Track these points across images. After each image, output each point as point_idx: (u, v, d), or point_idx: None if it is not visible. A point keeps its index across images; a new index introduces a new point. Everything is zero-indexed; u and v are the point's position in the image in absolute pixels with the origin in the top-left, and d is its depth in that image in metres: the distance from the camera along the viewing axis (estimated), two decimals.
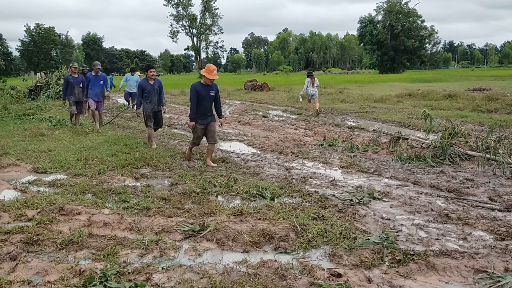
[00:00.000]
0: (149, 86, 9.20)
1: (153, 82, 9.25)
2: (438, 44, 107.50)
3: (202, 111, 7.54)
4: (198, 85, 7.52)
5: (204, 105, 7.52)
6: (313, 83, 15.83)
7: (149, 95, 9.19)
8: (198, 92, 7.45)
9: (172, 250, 4.03)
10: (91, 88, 11.70)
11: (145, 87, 9.17)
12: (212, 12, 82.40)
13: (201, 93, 7.46)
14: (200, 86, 7.52)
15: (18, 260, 3.75)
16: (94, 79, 11.81)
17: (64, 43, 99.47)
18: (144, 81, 9.30)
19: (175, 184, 6.32)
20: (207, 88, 7.53)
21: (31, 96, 22.26)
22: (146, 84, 9.22)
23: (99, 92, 11.82)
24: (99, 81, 11.84)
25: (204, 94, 7.48)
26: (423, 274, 3.51)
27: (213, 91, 7.59)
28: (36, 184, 6.46)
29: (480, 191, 5.92)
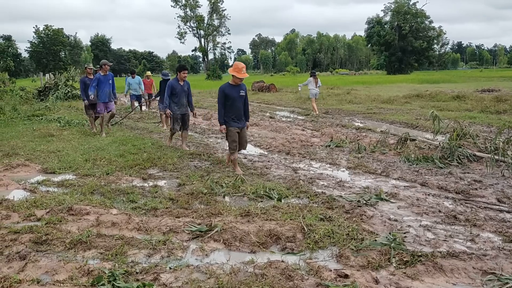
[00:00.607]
0: (179, 87, 8.91)
1: (182, 84, 8.97)
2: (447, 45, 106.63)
3: (235, 113, 7.09)
4: (226, 87, 7.09)
5: (236, 106, 7.08)
6: (316, 82, 16.40)
7: (178, 96, 8.89)
8: (227, 94, 7.00)
9: (180, 250, 4.05)
10: (101, 90, 11.09)
11: (175, 88, 8.88)
12: (219, 13, 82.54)
13: (231, 94, 7.01)
14: (229, 87, 7.08)
15: (28, 259, 3.79)
16: (103, 79, 11.18)
17: (72, 45, 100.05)
18: (175, 82, 8.94)
19: (182, 185, 6.34)
20: (237, 88, 7.09)
21: (40, 97, 22.46)
22: (176, 84, 8.91)
23: (108, 92, 11.27)
24: (108, 81, 11.25)
25: (235, 94, 7.04)
26: (431, 276, 3.50)
27: (243, 91, 7.16)
28: (45, 184, 6.52)
29: (489, 192, 5.88)
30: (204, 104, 21.17)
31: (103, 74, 11.16)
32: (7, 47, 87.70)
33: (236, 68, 7.01)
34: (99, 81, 11.06)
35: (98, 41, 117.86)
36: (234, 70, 7.00)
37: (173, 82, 8.94)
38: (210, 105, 20.25)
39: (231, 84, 7.10)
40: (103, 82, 11.10)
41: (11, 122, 13.86)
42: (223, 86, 7.10)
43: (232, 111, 7.07)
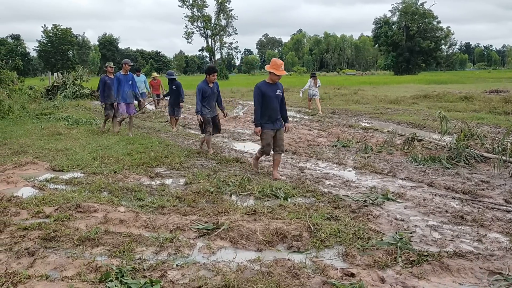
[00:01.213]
0: (209, 90, 8.54)
1: (212, 86, 8.61)
2: (454, 46, 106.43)
3: (270, 114, 6.64)
4: (263, 85, 6.63)
5: (272, 107, 6.62)
6: (316, 83, 16.79)
7: (208, 99, 8.54)
8: (263, 92, 6.54)
9: (187, 248, 4.08)
10: (121, 90, 10.70)
11: (206, 91, 8.49)
12: (226, 13, 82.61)
13: (268, 93, 6.56)
14: (266, 85, 6.63)
15: (37, 256, 3.83)
16: (124, 79, 10.77)
17: (80, 44, 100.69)
18: (204, 84, 8.52)
19: (189, 183, 6.37)
20: (273, 87, 6.65)
21: (48, 96, 22.63)
22: (206, 87, 8.51)
23: (129, 92, 10.89)
24: (128, 81, 10.86)
25: (271, 93, 6.58)
26: (437, 275, 3.50)
27: (280, 90, 6.73)
28: (53, 182, 6.57)
29: (496, 193, 5.86)
30: None
31: (124, 74, 10.81)
32: (16, 47, 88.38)
33: (274, 64, 6.57)
34: (120, 80, 10.71)
35: (105, 41, 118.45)
36: (272, 67, 6.55)
37: (203, 85, 8.53)
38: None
39: (267, 82, 6.68)
40: (124, 82, 10.75)
41: (20, 121, 13.98)
42: (259, 84, 6.68)
43: (267, 112, 6.64)
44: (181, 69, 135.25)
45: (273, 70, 6.50)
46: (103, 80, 11.46)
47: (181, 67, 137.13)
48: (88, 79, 26.21)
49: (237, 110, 18.00)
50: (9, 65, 25.39)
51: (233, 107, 19.42)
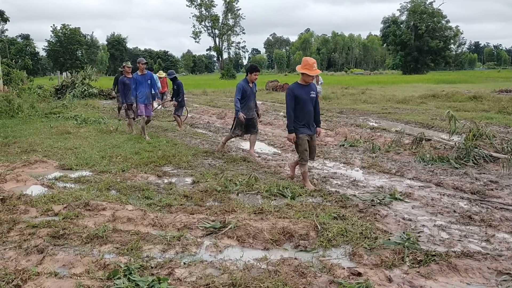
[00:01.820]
0: (249, 90, 8.17)
1: (252, 85, 8.24)
2: (463, 45, 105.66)
3: (305, 118, 6.09)
4: (295, 87, 6.08)
5: (306, 110, 6.06)
6: (318, 81, 16.76)
7: (247, 99, 8.18)
8: (296, 95, 6.00)
9: (194, 246, 4.10)
10: (139, 90, 10.23)
11: (246, 90, 8.12)
12: (234, 13, 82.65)
13: (301, 96, 6.01)
14: (299, 87, 6.08)
15: (46, 253, 3.87)
16: (141, 79, 10.25)
17: (89, 44, 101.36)
18: (245, 84, 8.14)
19: (196, 182, 6.40)
20: (306, 89, 6.08)
21: (57, 95, 22.81)
22: (246, 87, 8.14)
23: (147, 93, 10.37)
24: (146, 80, 10.33)
25: (305, 96, 6.03)
26: (445, 275, 3.48)
27: (313, 91, 6.17)
28: (62, 180, 6.63)
29: (505, 193, 5.82)
30: (218, 103, 21.26)
31: (141, 74, 10.31)
32: (25, 46, 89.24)
33: (306, 64, 5.99)
34: (137, 81, 10.25)
35: (114, 40, 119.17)
36: (304, 67, 5.99)
37: (243, 84, 8.14)
38: (225, 104, 20.34)
39: (300, 83, 6.11)
40: (141, 82, 10.27)
41: (29, 120, 14.10)
42: (292, 86, 6.14)
43: (301, 116, 6.09)
44: (189, 69, 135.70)
45: (306, 70, 5.96)
46: (122, 81, 11.26)
47: (188, 66, 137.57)
48: (97, 79, 26.39)
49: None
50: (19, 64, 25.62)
51: None
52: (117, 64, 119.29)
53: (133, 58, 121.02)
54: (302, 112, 6.09)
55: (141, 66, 10.28)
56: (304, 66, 6.00)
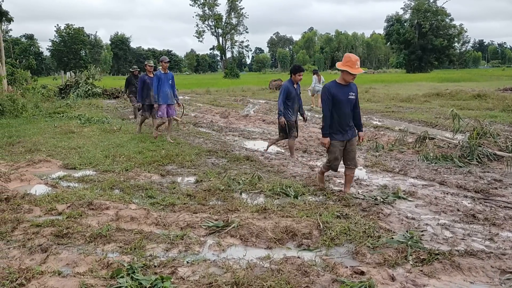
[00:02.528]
0: (294, 91, 7.76)
1: (296, 86, 7.84)
2: (468, 43, 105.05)
3: (340, 121, 5.46)
4: (332, 86, 5.41)
5: (343, 112, 5.42)
6: (319, 80, 17.40)
7: (292, 101, 7.75)
8: (334, 95, 5.35)
9: (197, 245, 4.10)
10: (160, 90, 9.75)
11: (291, 92, 7.72)
12: (237, 12, 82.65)
13: (338, 97, 5.35)
14: (336, 86, 5.40)
15: (49, 252, 3.89)
16: (164, 78, 9.77)
17: (93, 43, 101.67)
18: (290, 84, 7.74)
19: (200, 181, 6.40)
20: (345, 89, 5.41)
21: (61, 95, 22.90)
22: (291, 88, 7.73)
23: (169, 93, 9.89)
24: (168, 80, 9.85)
25: (342, 97, 5.37)
26: (448, 274, 3.47)
27: (353, 93, 5.48)
28: (66, 180, 6.65)
29: (509, 192, 5.79)
30: (222, 103, 21.27)
31: (164, 72, 9.82)
32: (29, 46, 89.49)
33: (349, 61, 5.27)
34: (160, 79, 9.75)
35: (117, 40, 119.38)
36: (346, 64, 5.28)
37: (288, 85, 7.73)
38: (228, 103, 20.36)
39: (339, 83, 5.44)
40: (164, 81, 9.78)
41: (33, 119, 14.16)
42: (329, 85, 5.46)
43: (337, 119, 5.45)
44: (192, 68, 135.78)
45: (348, 68, 5.24)
46: (142, 79, 10.70)
47: (192, 66, 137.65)
48: (100, 78, 26.45)
49: (248, 108, 18.00)
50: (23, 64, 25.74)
51: (244, 106, 19.44)
52: (121, 63, 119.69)
53: (136, 57, 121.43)
54: (338, 115, 5.45)
55: (164, 65, 9.82)
56: (346, 63, 5.28)
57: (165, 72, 9.84)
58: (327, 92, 5.41)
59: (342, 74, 5.36)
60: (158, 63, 10.00)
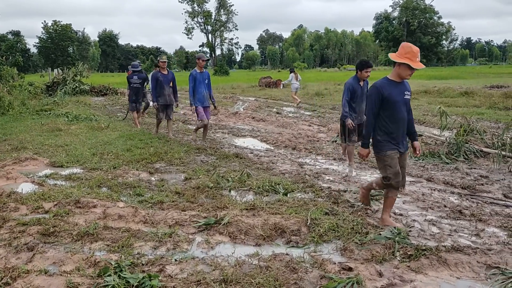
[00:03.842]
0: (359, 90, 6.75)
1: (363, 84, 6.81)
2: (455, 41, 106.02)
3: (396, 128, 4.35)
4: (385, 84, 4.30)
5: (399, 117, 4.34)
6: (297, 77, 18.25)
7: (357, 101, 6.77)
8: (387, 96, 4.25)
9: (185, 243, 4.09)
10: (196, 91, 8.86)
11: (356, 90, 6.72)
12: (227, 9, 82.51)
13: (392, 97, 4.27)
14: (390, 85, 4.31)
15: (36, 251, 3.85)
16: (200, 78, 8.84)
17: (80, 40, 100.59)
18: (354, 82, 6.75)
19: (188, 179, 6.38)
20: (400, 88, 4.36)
21: (48, 92, 22.62)
22: (356, 86, 6.73)
23: (206, 94, 8.99)
24: (205, 80, 8.92)
25: (397, 97, 4.30)
26: (435, 269, 3.51)
27: (408, 92, 4.45)
28: (53, 178, 6.58)
29: (495, 188, 5.87)
30: None
31: (200, 72, 8.90)
32: (16, 43, 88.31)
33: (409, 52, 4.19)
34: (195, 79, 8.82)
35: (106, 37, 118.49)
36: (405, 56, 4.21)
37: (353, 83, 6.74)
38: (217, 101, 20.25)
39: (391, 80, 4.36)
40: (200, 81, 8.85)
41: (19, 117, 13.98)
42: (380, 84, 4.32)
43: (391, 125, 4.33)
44: (182, 65, 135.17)
45: (408, 60, 4.19)
46: (155, 76, 9.81)
47: (181, 63, 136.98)
48: (88, 75, 26.20)
49: (238, 106, 17.99)
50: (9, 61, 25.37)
51: (233, 103, 19.42)
52: (109, 60, 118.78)
53: (125, 54, 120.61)
54: (393, 120, 4.36)
55: (200, 63, 8.88)
56: (406, 55, 4.21)
57: (201, 71, 8.93)
58: (378, 93, 4.31)
59: (398, 68, 4.31)
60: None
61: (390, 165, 4.36)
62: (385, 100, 4.30)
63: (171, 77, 9.84)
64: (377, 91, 4.31)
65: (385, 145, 4.38)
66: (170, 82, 9.77)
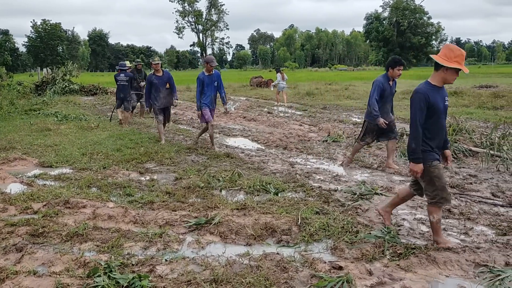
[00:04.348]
0: (388, 89, 6.60)
1: (392, 84, 6.69)
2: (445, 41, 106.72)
3: (437, 137, 3.97)
4: (429, 89, 3.86)
5: (441, 125, 3.97)
6: (283, 77, 18.09)
7: (385, 100, 6.67)
8: (432, 103, 3.83)
9: (176, 243, 4.08)
10: (204, 94, 8.60)
11: (385, 89, 6.56)
12: (217, 8, 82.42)
13: (437, 104, 3.87)
14: (433, 91, 3.88)
15: (24, 252, 3.81)
16: (208, 80, 8.62)
17: (70, 39, 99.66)
18: (384, 80, 6.56)
19: (179, 179, 6.36)
20: (442, 94, 3.97)
21: (38, 92, 22.42)
22: (386, 85, 6.56)
23: (213, 97, 8.78)
24: (213, 82, 8.66)
25: (440, 103, 3.91)
26: (424, 268, 3.53)
27: (447, 97, 4.07)
28: (42, 178, 6.53)
29: (483, 187, 5.92)
30: None
31: (208, 74, 8.64)
32: (4, 42, 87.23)
33: (459, 56, 3.83)
34: (203, 83, 8.58)
35: (95, 36, 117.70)
36: (455, 60, 3.83)
37: (383, 82, 6.55)
38: None
39: (434, 85, 3.94)
40: (208, 84, 8.61)
41: (8, 117, 13.84)
42: (424, 90, 3.85)
43: (433, 134, 3.94)
44: (172, 65, 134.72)
45: (458, 65, 3.82)
46: (149, 79, 9.30)
47: (172, 62, 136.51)
48: (78, 75, 26.01)
49: (229, 105, 17.96)
50: None
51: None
52: (99, 60, 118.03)
53: (115, 54, 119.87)
54: (435, 128, 3.96)
55: (208, 67, 8.61)
56: (455, 58, 3.82)
57: (210, 73, 8.64)
58: (424, 99, 3.84)
59: (444, 73, 3.87)
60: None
61: (438, 176, 3.92)
62: (431, 107, 3.87)
63: (167, 78, 9.34)
64: (424, 98, 3.85)
65: (429, 155, 3.92)
66: (166, 84, 9.30)
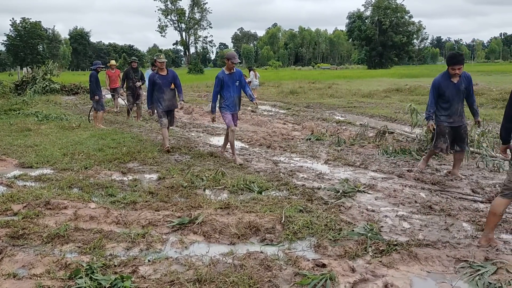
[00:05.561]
0: (450, 87, 5.98)
1: (458, 81, 5.97)
2: (426, 40, 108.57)
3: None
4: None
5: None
6: (256, 75, 19.16)
7: (451, 101, 6.03)
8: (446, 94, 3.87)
9: (159, 243, 4.05)
10: (225, 96, 7.52)
11: (445, 88, 5.96)
12: (200, 7, 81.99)
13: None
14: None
15: (4, 254, 3.74)
16: (229, 80, 7.48)
17: (50, 38, 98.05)
18: (443, 79, 5.99)
19: (162, 178, 6.32)
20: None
21: (17, 91, 22.00)
22: (446, 83, 5.96)
23: (236, 98, 7.66)
24: (235, 82, 7.52)
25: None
26: (406, 264, 3.58)
27: None
28: (22, 179, 6.42)
29: (464, 183, 6.02)
30: (186, 98, 21.01)
31: (228, 73, 7.51)
32: None
33: None
34: (223, 82, 7.47)
35: (77, 35, 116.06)
36: None
37: (440, 80, 5.99)
38: (192, 99, 20.17)
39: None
40: (229, 85, 7.49)
41: None
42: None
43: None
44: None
45: None
46: (151, 79, 8.34)
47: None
48: (59, 74, 25.60)
49: None
50: None
51: (208, 101, 19.29)
52: (80, 59, 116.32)
53: (97, 52, 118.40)
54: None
55: (229, 64, 7.43)
56: None
57: (230, 72, 7.51)
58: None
59: None
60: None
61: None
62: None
63: (172, 77, 8.41)
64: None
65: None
66: (171, 84, 8.40)
